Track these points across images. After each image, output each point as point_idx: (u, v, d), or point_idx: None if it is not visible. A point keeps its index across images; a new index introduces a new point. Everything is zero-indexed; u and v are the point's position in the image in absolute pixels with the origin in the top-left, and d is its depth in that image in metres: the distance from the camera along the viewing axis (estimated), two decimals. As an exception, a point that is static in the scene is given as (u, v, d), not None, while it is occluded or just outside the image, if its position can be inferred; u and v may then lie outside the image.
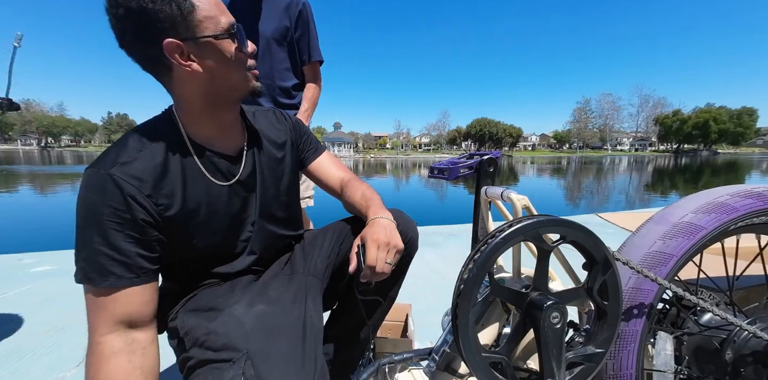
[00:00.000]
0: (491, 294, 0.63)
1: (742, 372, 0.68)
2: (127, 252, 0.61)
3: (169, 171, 0.67)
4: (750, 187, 0.72)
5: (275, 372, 0.58)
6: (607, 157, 67.48)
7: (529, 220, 0.56)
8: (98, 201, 0.59)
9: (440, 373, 0.74)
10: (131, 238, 0.61)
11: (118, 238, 0.60)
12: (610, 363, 0.67)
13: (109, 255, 0.59)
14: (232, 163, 0.76)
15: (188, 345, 0.66)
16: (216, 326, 0.65)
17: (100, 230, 0.59)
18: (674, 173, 19.81)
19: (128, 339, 0.61)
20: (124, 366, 0.59)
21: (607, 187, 12.63)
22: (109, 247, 0.59)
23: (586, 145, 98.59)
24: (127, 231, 0.61)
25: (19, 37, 0.96)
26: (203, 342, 0.64)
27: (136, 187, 0.61)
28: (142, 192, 0.62)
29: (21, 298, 1.79)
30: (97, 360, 0.58)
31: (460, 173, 0.81)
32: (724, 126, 75.11)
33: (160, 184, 0.65)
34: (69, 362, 1.26)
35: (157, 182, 0.64)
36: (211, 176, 0.72)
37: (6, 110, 0.91)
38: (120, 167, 0.61)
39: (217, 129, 0.73)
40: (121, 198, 0.60)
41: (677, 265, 0.67)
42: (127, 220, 0.60)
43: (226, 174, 0.75)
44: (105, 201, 0.59)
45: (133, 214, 0.61)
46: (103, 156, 0.63)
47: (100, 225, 0.59)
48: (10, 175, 14.22)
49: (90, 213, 0.59)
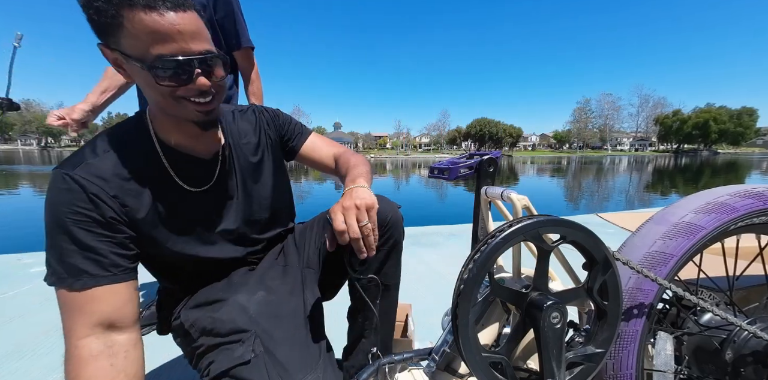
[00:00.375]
0: (491, 294, 0.63)
1: (742, 372, 0.68)
2: (98, 250, 0.59)
3: (135, 173, 0.64)
4: (750, 187, 0.72)
5: (281, 349, 0.62)
6: (607, 157, 67.49)
7: (529, 220, 0.56)
8: (63, 202, 0.58)
9: (440, 373, 0.74)
10: (102, 236, 0.59)
11: (88, 237, 0.58)
12: (610, 363, 0.67)
13: (80, 253, 0.58)
14: (207, 168, 0.74)
15: (195, 335, 0.68)
16: (221, 314, 0.68)
17: (68, 230, 0.57)
18: (674, 173, 19.81)
19: (108, 342, 0.58)
20: (105, 369, 0.56)
21: (607, 187, 12.63)
22: (79, 246, 0.58)
23: (586, 145, 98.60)
24: (97, 229, 0.59)
25: (19, 37, 0.96)
26: (210, 329, 0.67)
27: (100, 186, 0.60)
28: (107, 192, 0.60)
29: (21, 298, 1.79)
30: (76, 364, 0.55)
31: (460, 173, 0.81)
32: (724, 126, 75.13)
33: (126, 186, 0.63)
34: (69, 362, 1.26)
35: (122, 183, 0.63)
36: (183, 182, 0.70)
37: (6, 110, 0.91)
38: (84, 167, 0.60)
39: (187, 135, 0.70)
40: (85, 197, 0.58)
41: (677, 265, 0.67)
42: (94, 219, 0.59)
43: (200, 179, 0.73)
44: (70, 201, 0.58)
45: (101, 213, 0.59)
46: (70, 157, 0.62)
47: (67, 226, 0.57)
48: (10, 175, 14.21)
49: (56, 214, 0.58)
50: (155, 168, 0.67)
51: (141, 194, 0.65)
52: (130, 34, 0.54)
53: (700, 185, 12.14)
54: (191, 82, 0.59)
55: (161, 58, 0.55)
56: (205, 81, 0.59)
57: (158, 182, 0.67)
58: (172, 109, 0.62)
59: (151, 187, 0.66)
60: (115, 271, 0.60)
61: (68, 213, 0.57)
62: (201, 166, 0.73)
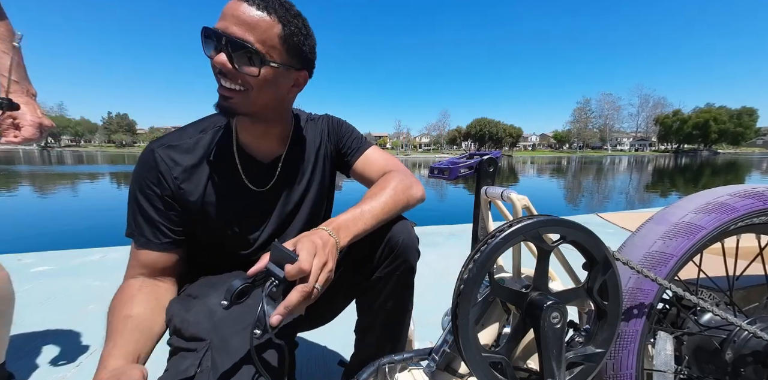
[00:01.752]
0: (491, 294, 0.63)
1: (742, 372, 0.68)
2: (154, 220, 0.71)
3: (204, 163, 0.75)
4: (750, 187, 0.72)
5: (229, 365, 0.57)
6: (607, 156, 67.47)
7: (529, 220, 0.56)
8: (140, 171, 0.72)
9: (440, 373, 0.74)
10: (158, 210, 0.72)
11: (149, 207, 0.71)
12: (610, 363, 0.67)
13: (142, 218, 0.71)
14: (267, 171, 0.80)
15: (170, 332, 0.68)
16: (190, 315, 0.65)
17: (138, 196, 0.72)
18: (674, 173, 19.81)
19: (147, 282, 0.72)
20: (131, 288, 0.69)
21: (607, 186, 12.63)
22: (142, 213, 0.71)
23: (586, 145, 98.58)
24: (157, 203, 0.71)
25: (19, 37, 0.96)
26: (178, 329, 0.65)
27: (169, 166, 0.72)
28: (171, 173, 0.72)
29: (21, 298, 1.79)
30: (118, 292, 0.70)
31: (460, 173, 0.81)
32: (724, 126, 75.13)
33: (191, 171, 0.73)
34: (69, 362, 1.26)
35: (189, 169, 0.73)
36: (248, 181, 0.78)
37: (6, 110, 0.91)
38: (166, 148, 0.73)
39: (252, 135, 0.77)
40: (154, 172, 0.71)
41: (677, 265, 0.67)
42: (156, 193, 0.71)
43: (261, 181, 0.79)
44: (144, 172, 0.71)
45: (161, 190, 0.71)
46: (164, 136, 0.75)
47: (137, 193, 0.72)
48: (10, 176, 14.21)
49: (134, 181, 0.72)
50: (226, 162, 0.76)
51: (200, 181, 0.74)
52: None
53: (700, 185, 12.13)
54: (213, 56, 0.64)
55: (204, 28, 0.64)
56: (219, 59, 0.63)
57: (223, 174, 0.76)
58: None
59: (213, 177, 0.75)
60: (163, 240, 0.72)
61: (141, 183, 0.71)
62: (262, 169, 0.80)
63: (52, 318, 1.57)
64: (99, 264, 2.37)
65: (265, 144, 0.79)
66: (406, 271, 0.80)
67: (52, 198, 8.48)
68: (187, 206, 0.73)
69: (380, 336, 0.86)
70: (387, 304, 0.82)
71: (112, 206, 7.45)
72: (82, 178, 13.80)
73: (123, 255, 2.53)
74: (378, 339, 0.86)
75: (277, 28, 0.64)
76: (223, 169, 0.76)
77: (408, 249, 0.78)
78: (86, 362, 1.25)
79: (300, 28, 0.68)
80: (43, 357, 1.29)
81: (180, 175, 0.72)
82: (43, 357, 1.29)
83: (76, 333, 1.45)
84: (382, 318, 0.84)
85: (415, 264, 0.82)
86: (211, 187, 0.75)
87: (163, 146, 0.73)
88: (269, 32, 0.64)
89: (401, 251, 0.77)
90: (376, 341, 0.87)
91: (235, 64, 0.63)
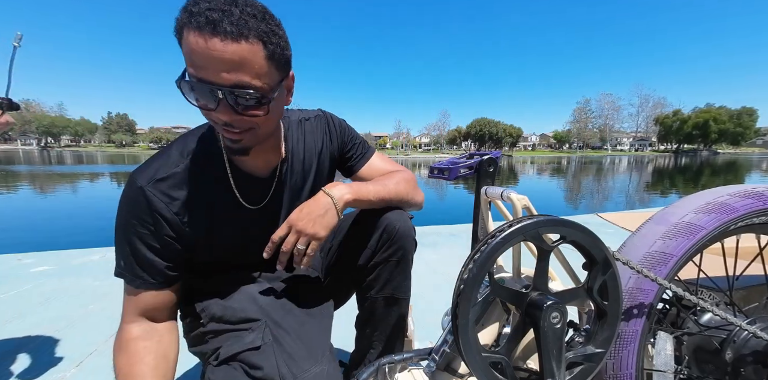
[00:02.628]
0: (491, 294, 0.63)
1: (742, 372, 0.68)
2: (152, 261, 0.66)
3: (200, 190, 0.69)
4: (750, 187, 0.72)
5: (288, 340, 0.66)
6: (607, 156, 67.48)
7: (529, 220, 0.56)
8: (130, 212, 0.65)
9: (440, 373, 0.74)
10: (155, 250, 0.67)
11: (144, 248, 0.66)
12: (610, 363, 0.67)
13: (136, 260, 0.66)
14: (263, 186, 0.77)
15: (205, 320, 0.72)
16: (232, 303, 0.72)
17: (130, 237, 0.66)
18: (674, 173, 19.81)
19: (147, 328, 0.68)
20: (138, 350, 0.66)
21: (607, 186, 12.63)
22: (135, 254, 0.66)
23: (586, 145, 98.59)
24: (153, 242, 0.66)
25: (19, 37, 0.96)
26: (220, 316, 0.71)
27: (165, 203, 0.66)
28: (171, 210, 0.66)
29: (21, 298, 1.79)
30: (119, 345, 0.67)
31: (460, 173, 0.81)
32: (724, 126, 75.12)
33: (189, 203, 0.68)
34: (69, 362, 1.25)
35: (187, 201, 0.68)
36: (243, 199, 0.74)
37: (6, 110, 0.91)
38: (155, 184, 0.66)
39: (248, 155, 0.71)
40: (149, 212, 0.65)
41: (677, 265, 0.67)
42: (152, 232, 0.66)
43: (256, 197, 0.76)
44: (136, 213, 0.65)
45: (158, 229, 0.66)
46: (146, 166, 0.68)
47: (129, 233, 0.65)
48: (9, 175, 14.21)
49: (124, 221, 0.66)
50: (221, 184, 0.72)
51: (202, 211, 0.70)
52: (183, 48, 0.55)
53: (700, 185, 12.13)
54: (213, 110, 0.58)
55: (190, 76, 0.56)
56: (219, 116, 0.58)
57: (220, 199, 0.72)
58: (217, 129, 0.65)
59: (213, 204, 0.71)
60: (161, 279, 0.68)
61: (132, 223, 0.65)
62: (258, 184, 0.76)
63: (52, 318, 1.57)
64: (99, 264, 2.37)
65: (260, 158, 0.75)
66: (403, 258, 0.81)
67: (52, 198, 8.48)
68: (186, 238, 0.69)
69: (379, 330, 0.86)
70: (385, 291, 0.82)
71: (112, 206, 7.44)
72: (82, 177, 13.81)
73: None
74: (377, 333, 0.87)
75: (261, 51, 0.55)
76: (219, 193, 0.72)
77: (405, 237, 0.79)
78: (86, 362, 1.25)
79: (278, 35, 0.58)
80: (43, 356, 1.29)
81: (179, 210, 0.67)
82: (43, 356, 1.29)
83: (76, 333, 1.45)
84: (380, 308, 0.84)
85: (412, 251, 0.82)
86: (210, 213, 0.71)
87: (151, 182, 0.65)
88: (257, 61, 0.55)
89: (398, 238, 0.79)
90: (376, 335, 0.87)
91: (240, 112, 0.58)
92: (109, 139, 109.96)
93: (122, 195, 0.66)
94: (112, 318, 1.57)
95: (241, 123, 0.60)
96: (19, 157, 38.77)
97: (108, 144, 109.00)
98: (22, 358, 1.28)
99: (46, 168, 19.81)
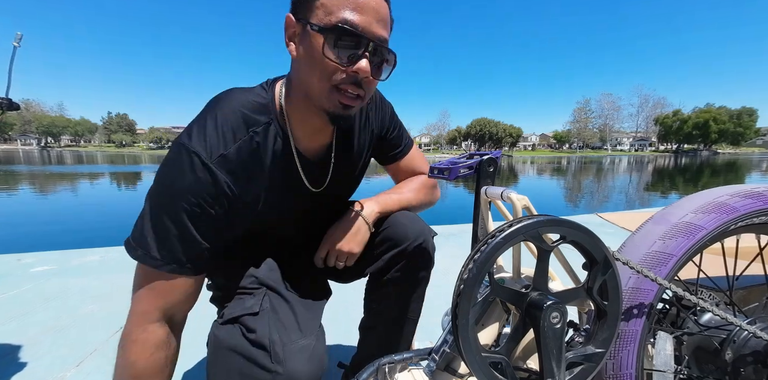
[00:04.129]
0: (491, 294, 0.63)
1: (742, 372, 0.68)
2: (196, 244, 0.59)
3: (263, 169, 0.65)
4: (750, 187, 0.72)
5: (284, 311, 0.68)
6: (607, 156, 67.48)
7: (529, 220, 0.56)
8: (189, 189, 0.57)
9: (440, 373, 0.74)
10: (202, 230, 0.60)
11: (192, 228, 0.58)
12: (610, 363, 0.67)
13: (180, 241, 0.58)
14: (321, 169, 0.75)
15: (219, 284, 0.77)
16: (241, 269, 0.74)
17: (179, 216, 0.57)
18: (674, 173, 19.81)
19: (168, 332, 0.62)
20: (161, 362, 0.61)
21: (607, 186, 12.63)
22: (182, 235, 0.58)
23: (586, 145, 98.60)
24: (202, 222, 0.59)
25: (19, 37, 0.96)
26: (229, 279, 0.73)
27: (230, 183, 0.60)
28: (234, 190, 0.61)
29: (21, 298, 1.79)
30: (142, 349, 0.58)
31: (460, 173, 0.81)
32: (724, 126, 75.15)
33: (250, 181, 0.64)
34: (69, 362, 1.25)
35: (248, 179, 0.63)
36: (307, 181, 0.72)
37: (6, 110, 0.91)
38: (220, 160, 0.59)
39: (309, 129, 0.68)
40: (213, 191, 0.58)
41: (677, 265, 0.67)
42: (209, 214, 0.59)
43: (316, 179, 0.75)
44: (197, 191, 0.57)
45: (218, 209, 0.60)
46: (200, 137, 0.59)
47: (180, 211, 0.57)
48: (10, 175, 14.21)
49: (175, 195, 0.57)
50: (285, 164, 0.68)
51: (261, 190, 0.67)
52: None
53: (699, 185, 12.13)
54: (353, 63, 0.55)
55: (344, 22, 0.53)
56: (366, 67, 0.55)
57: (283, 179, 0.69)
58: (318, 93, 0.59)
59: (276, 183, 0.68)
60: (196, 265, 0.61)
61: (190, 201, 0.57)
62: (316, 166, 0.74)
63: (52, 318, 1.57)
64: (99, 264, 2.37)
65: (319, 137, 0.71)
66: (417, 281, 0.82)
67: (52, 198, 8.47)
68: (239, 219, 0.66)
69: (383, 337, 0.87)
70: (394, 310, 0.83)
71: (112, 206, 7.45)
72: (82, 178, 13.81)
73: (123, 255, 2.52)
74: (380, 339, 0.87)
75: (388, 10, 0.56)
76: (283, 174, 0.68)
77: (421, 256, 0.80)
78: (86, 362, 1.25)
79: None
80: (43, 356, 1.29)
81: (242, 190, 0.63)
82: (43, 356, 1.29)
83: (76, 333, 1.45)
84: (387, 323, 0.84)
85: (428, 273, 0.83)
86: (272, 193, 0.68)
87: (212, 155, 0.59)
88: (390, 23, 0.56)
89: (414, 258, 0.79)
90: (379, 341, 0.87)
91: (373, 70, 0.56)
92: (109, 139, 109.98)
93: (173, 168, 0.58)
94: (112, 318, 1.57)
95: (369, 84, 0.59)
96: (19, 156, 38.76)
97: (108, 144, 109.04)
98: (22, 358, 1.28)
99: (46, 168, 19.81)
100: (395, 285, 0.80)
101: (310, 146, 0.71)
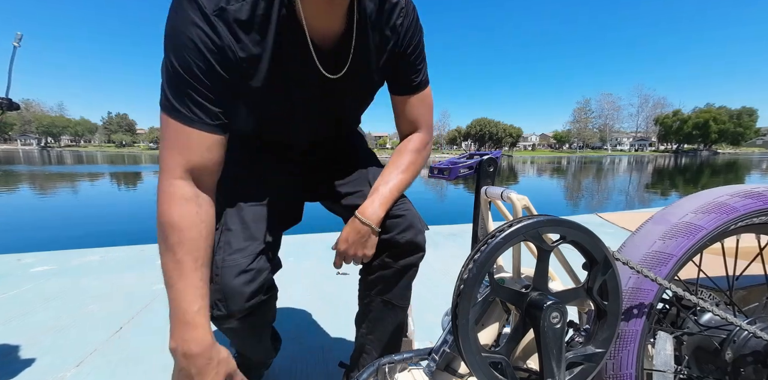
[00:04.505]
0: (491, 294, 0.63)
1: (742, 372, 0.68)
2: (213, 96, 0.59)
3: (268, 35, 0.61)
4: (750, 187, 0.72)
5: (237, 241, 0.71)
6: (607, 156, 67.50)
7: (529, 220, 0.56)
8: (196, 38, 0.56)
9: (440, 373, 0.74)
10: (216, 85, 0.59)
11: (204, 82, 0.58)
12: (609, 363, 0.67)
13: (198, 93, 0.58)
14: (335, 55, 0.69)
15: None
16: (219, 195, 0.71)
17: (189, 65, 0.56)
18: (674, 173, 19.82)
19: (196, 192, 0.62)
20: (192, 215, 0.61)
21: (607, 186, 12.63)
22: (196, 88, 0.58)
23: (586, 145, 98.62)
24: (214, 75, 0.59)
25: (19, 37, 0.96)
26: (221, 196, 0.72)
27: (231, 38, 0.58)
28: (233, 48, 0.59)
29: (21, 298, 1.79)
30: (170, 199, 0.60)
31: (460, 173, 0.81)
32: (724, 126, 75.15)
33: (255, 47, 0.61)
34: (69, 362, 1.25)
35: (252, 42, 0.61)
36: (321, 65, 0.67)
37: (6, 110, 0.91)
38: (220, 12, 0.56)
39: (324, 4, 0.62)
40: (216, 41, 0.57)
41: (677, 265, 0.67)
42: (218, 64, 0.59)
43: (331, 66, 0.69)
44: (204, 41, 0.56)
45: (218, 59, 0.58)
46: None
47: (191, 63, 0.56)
48: (9, 176, 14.21)
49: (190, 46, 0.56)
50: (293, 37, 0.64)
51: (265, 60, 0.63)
52: None
53: (699, 185, 12.14)
54: None
55: None
56: None
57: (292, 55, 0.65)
58: None
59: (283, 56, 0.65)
60: (216, 121, 0.61)
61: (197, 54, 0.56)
62: (330, 52, 0.68)
63: (52, 318, 1.57)
64: (99, 264, 2.37)
65: (332, 19, 0.65)
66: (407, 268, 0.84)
67: (52, 198, 8.47)
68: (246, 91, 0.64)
69: (376, 332, 0.87)
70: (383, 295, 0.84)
71: (112, 206, 7.45)
72: (82, 178, 13.81)
73: (123, 255, 2.53)
74: (374, 335, 0.87)
75: None
76: (291, 49, 0.64)
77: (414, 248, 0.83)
78: (86, 362, 1.25)
79: None
80: (43, 356, 1.29)
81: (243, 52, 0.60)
82: (43, 356, 1.29)
83: (76, 333, 1.45)
84: (377, 310, 0.85)
85: (417, 264, 0.86)
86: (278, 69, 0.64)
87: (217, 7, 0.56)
88: None
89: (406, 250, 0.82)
90: (372, 336, 0.88)
91: None
92: (109, 139, 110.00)
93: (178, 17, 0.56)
94: (112, 318, 1.57)
95: None
96: (19, 157, 38.76)
97: (108, 144, 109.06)
98: (22, 358, 1.28)
99: (46, 168, 19.80)
100: (384, 272, 0.81)
101: (321, 27, 0.65)
